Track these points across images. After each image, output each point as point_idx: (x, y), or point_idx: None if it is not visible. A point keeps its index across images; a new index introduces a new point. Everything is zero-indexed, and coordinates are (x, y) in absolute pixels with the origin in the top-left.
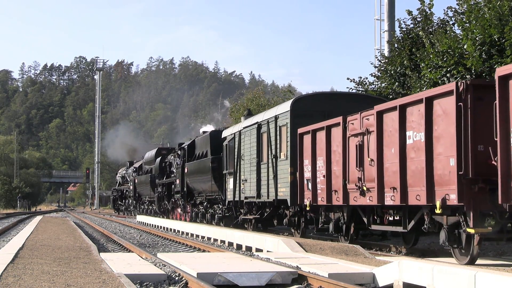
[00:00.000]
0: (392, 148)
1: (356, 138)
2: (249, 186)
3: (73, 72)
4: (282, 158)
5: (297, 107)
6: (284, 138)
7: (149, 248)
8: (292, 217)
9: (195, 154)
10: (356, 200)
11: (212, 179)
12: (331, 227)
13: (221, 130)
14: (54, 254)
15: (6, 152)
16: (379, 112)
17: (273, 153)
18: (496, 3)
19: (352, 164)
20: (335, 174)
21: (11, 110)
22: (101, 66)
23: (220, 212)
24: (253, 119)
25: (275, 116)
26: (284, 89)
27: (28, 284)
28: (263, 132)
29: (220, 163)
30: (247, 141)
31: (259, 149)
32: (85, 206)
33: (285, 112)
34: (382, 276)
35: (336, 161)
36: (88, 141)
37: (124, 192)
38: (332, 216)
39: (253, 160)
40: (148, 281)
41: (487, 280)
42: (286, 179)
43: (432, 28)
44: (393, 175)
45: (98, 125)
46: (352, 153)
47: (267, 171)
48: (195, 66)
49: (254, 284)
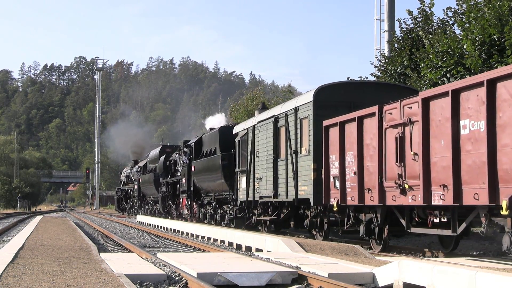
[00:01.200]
0: (442, 140)
1: (395, 130)
2: (264, 185)
3: (73, 72)
4: (304, 153)
5: (321, 98)
6: (306, 131)
7: (149, 248)
8: (314, 219)
9: (203, 152)
10: (395, 200)
11: (222, 178)
12: (362, 230)
13: (231, 125)
14: (54, 254)
15: (6, 152)
16: (425, 99)
17: (293, 148)
18: (495, 3)
19: (390, 159)
20: (369, 171)
21: (11, 110)
22: (101, 66)
23: (231, 212)
24: (269, 112)
25: (295, 108)
26: (284, 89)
27: (28, 284)
28: (281, 126)
29: (231, 160)
30: (262, 136)
31: (276, 145)
32: (85, 206)
33: (307, 103)
34: (382, 276)
35: (370, 156)
36: (88, 141)
37: (129, 192)
38: (363, 217)
39: (270, 156)
40: (148, 281)
41: (487, 280)
42: (308, 176)
43: (432, 28)
44: (442, 171)
45: (98, 125)
46: (390, 147)
47: (285, 168)
48: (195, 66)
49: (254, 284)
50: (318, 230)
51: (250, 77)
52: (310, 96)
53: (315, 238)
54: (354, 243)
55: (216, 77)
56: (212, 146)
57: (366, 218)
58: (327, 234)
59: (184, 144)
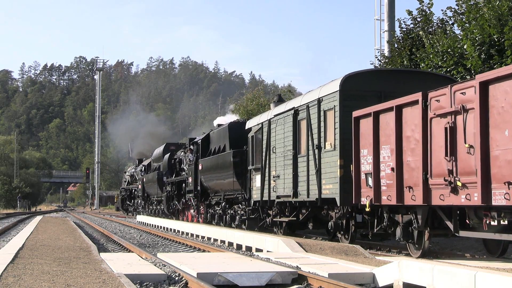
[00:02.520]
0: (506, 129)
1: (444, 119)
2: (282, 184)
3: (73, 72)
4: (328, 148)
5: (348, 87)
6: (331, 124)
7: (149, 248)
8: (339, 220)
9: (210, 149)
10: (443, 199)
11: (233, 176)
12: (399, 233)
13: (242, 121)
14: (54, 254)
15: (6, 152)
16: (484, 83)
17: (316, 143)
18: (495, 3)
19: (437, 152)
20: (409, 166)
21: (11, 110)
22: (101, 66)
23: (242, 213)
24: (287, 104)
25: (318, 99)
26: (284, 89)
27: (28, 284)
28: (301, 119)
29: (243, 157)
30: (279, 131)
31: (296, 140)
32: (85, 206)
33: (332, 93)
34: (382, 276)
35: (411, 149)
36: (88, 141)
37: (133, 191)
38: (400, 218)
39: (288, 152)
40: (148, 281)
41: (487, 280)
42: (334, 173)
43: (432, 28)
44: (507, 167)
45: (98, 125)
46: (438, 139)
47: (307, 165)
48: (195, 66)
49: (254, 284)
50: (344, 232)
51: (250, 77)
52: (336, 85)
53: (340, 241)
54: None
55: (216, 77)
56: (221, 143)
57: (404, 220)
58: (354, 237)
59: (190, 142)
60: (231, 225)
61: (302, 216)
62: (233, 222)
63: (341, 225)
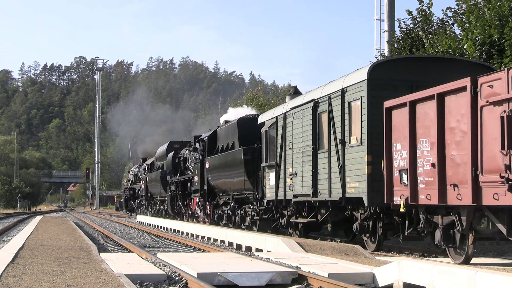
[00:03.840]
0: None
1: (499, 108)
2: (300, 182)
3: (73, 72)
4: (354, 143)
5: (377, 76)
6: (357, 117)
7: (149, 248)
8: (365, 221)
9: (218, 147)
10: (498, 199)
11: (244, 175)
12: (439, 236)
13: (252, 116)
14: (54, 254)
15: (6, 152)
16: None
17: (339, 137)
18: (496, 3)
19: (490, 145)
20: (454, 162)
21: (11, 110)
22: (101, 66)
23: (253, 214)
24: (306, 96)
25: (342, 89)
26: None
27: (28, 284)
28: (321, 111)
29: (254, 155)
30: (296, 125)
31: (316, 134)
32: (85, 206)
33: (359, 82)
34: (382, 276)
35: (456, 142)
36: (88, 141)
37: (136, 191)
38: (439, 220)
39: (307, 148)
40: (148, 281)
41: (487, 280)
42: (361, 170)
43: (432, 28)
44: None
45: (98, 125)
46: (491, 130)
47: (328, 161)
48: (195, 66)
49: (254, 284)
50: (371, 235)
51: (250, 77)
52: (364, 74)
53: (366, 244)
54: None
55: (216, 77)
56: (230, 140)
57: (444, 222)
58: (381, 241)
59: (195, 139)
60: (241, 226)
61: (321, 216)
62: (243, 223)
63: (367, 227)
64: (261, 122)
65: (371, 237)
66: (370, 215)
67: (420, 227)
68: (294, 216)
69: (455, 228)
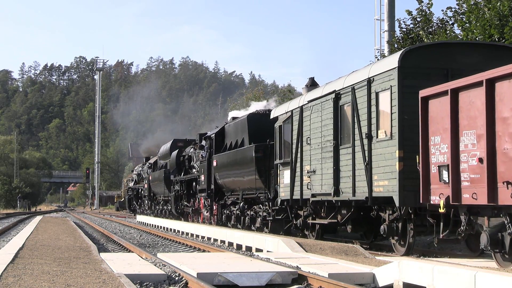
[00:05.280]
0: None
1: None
2: (319, 180)
3: (73, 72)
4: (382, 137)
5: (409, 63)
6: (386, 108)
7: (149, 248)
8: (394, 222)
9: (225, 144)
10: None
11: (256, 173)
12: (485, 240)
13: (262, 112)
14: (54, 254)
15: (6, 152)
16: None
17: (365, 131)
18: (496, 3)
19: None
20: (507, 156)
21: (11, 110)
22: (101, 66)
23: (265, 214)
24: (325, 88)
25: (368, 79)
26: (284, 89)
27: (28, 284)
28: (344, 103)
29: (266, 152)
30: (315, 119)
31: (337, 128)
32: (85, 206)
33: (388, 71)
34: (382, 276)
35: (510, 134)
36: (88, 141)
37: (139, 191)
38: (485, 222)
39: (327, 143)
40: (148, 281)
41: (487, 280)
42: (391, 167)
43: (432, 28)
44: None
45: (98, 125)
46: None
47: (352, 157)
48: (195, 66)
49: (254, 284)
50: (400, 237)
51: (250, 77)
52: (394, 61)
53: (394, 248)
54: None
55: (216, 77)
56: (239, 137)
57: (491, 224)
58: (412, 245)
59: (200, 137)
60: (251, 227)
61: (341, 216)
62: (253, 224)
63: (396, 229)
64: (274, 116)
65: (400, 240)
66: (399, 216)
67: (462, 230)
68: (311, 217)
69: (506, 231)
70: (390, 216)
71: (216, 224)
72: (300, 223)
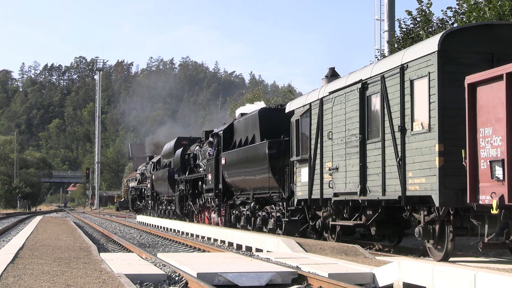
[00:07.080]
0: None
1: None
2: (343, 178)
3: (73, 72)
4: (418, 130)
5: (450, 47)
6: (423, 97)
7: (149, 248)
8: (431, 224)
9: (234, 141)
10: None
11: (269, 171)
12: None
13: (274, 107)
14: (54, 254)
15: (6, 152)
16: None
17: (398, 123)
18: (496, 3)
19: None
20: None
21: (11, 110)
22: (101, 66)
23: (279, 215)
24: (350, 77)
25: (401, 66)
26: (284, 89)
27: (28, 284)
28: (371, 93)
29: (280, 149)
30: (338, 111)
31: (364, 121)
32: (85, 206)
33: (426, 56)
34: (382, 276)
35: None
36: (88, 141)
37: (143, 190)
38: None
39: (352, 138)
40: (148, 281)
41: (487, 280)
42: (429, 163)
43: (432, 28)
44: None
45: (98, 125)
46: None
47: (382, 152)
48: (195, 66)
49: (254, 284)
50: (437, 240)
51: (250, 77)
52: (434, 44)
53: (429, 252)
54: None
55: (216, 77)
56: (249, 133)
57: None
58: (450, 250)
59: (206, 134)
60: (262, 229)
61: (366, 217)
62: (265, 225)
63: (432, 231)
64: (290, 110)
65: (437, 244)
66: (437, 217)
67: None
68: (331, 218)
69: None
70: (426, 217)
71: (224, 225)
72: (319, 225)
